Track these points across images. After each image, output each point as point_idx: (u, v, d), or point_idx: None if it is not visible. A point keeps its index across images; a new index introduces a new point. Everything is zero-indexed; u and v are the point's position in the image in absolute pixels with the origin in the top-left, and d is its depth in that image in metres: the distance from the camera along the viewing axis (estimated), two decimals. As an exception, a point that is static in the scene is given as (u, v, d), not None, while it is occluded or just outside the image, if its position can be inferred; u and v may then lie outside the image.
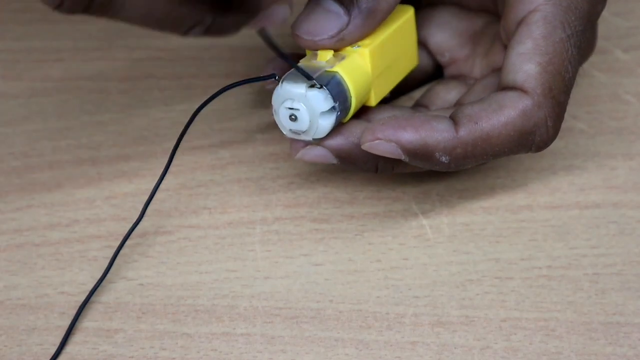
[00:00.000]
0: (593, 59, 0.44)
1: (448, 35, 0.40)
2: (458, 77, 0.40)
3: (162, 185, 0.38)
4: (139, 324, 0.35)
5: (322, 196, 0.39)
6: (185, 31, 0.31)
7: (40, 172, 0.41)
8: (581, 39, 0.35)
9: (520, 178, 0.40)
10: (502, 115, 0.34)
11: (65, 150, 0.42)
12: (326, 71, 0.34)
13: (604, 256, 0.37)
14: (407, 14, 0.38)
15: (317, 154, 0.35)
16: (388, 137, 0.34)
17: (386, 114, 0.37)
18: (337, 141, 0.35)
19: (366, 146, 0.34)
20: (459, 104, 0.37)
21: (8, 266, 0.38)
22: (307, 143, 0.35)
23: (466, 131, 0.34)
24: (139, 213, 0.36)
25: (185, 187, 0.40)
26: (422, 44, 0.40)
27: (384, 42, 0.36)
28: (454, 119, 0.34)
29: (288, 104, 0.34)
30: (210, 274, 0.37)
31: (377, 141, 0.34)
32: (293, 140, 0.35)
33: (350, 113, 0.35)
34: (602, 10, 0.36)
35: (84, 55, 0.47)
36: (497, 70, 0.38)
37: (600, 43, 0.44)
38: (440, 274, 0.36)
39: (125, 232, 0.37)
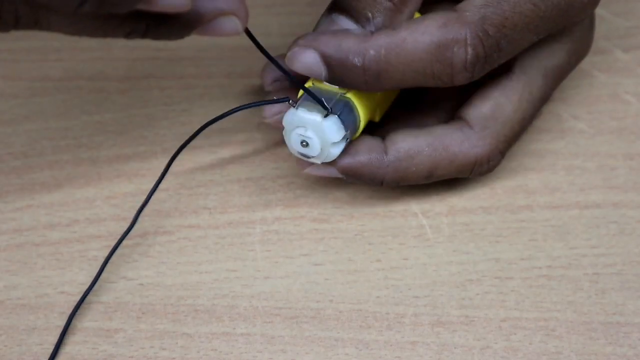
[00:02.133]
0: (593, 58, 0.44)
1: None
2: None
3: (161, 185, 0.38)
4: (139, 324, 0.35)
5: (322, 196, 0.39)
6: (125, 36, 0.31)
7: (40, 172, 0.41)
8: (547, 4, 0.34)
9: (520, 178, 0.40)
10: (421, 24, 0.34)
11: (65, 150, 0.42)
12: (340, 97, 0.34)
13: (604, 256, 0.36)
14: None
15: (324, 170, 0.36)
16: (308, 43, 0.34)
17: (388, 127, 0.37)
18: (345, 160, 0.36)
19: (289, 56, 0.34)
20: (466, 121, 0.37)
21: (8, 266, 0.38)
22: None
23: (381, 35, 0.34)
24: (142, 218, 0.36)
25: (185, 187, 0.40)
26: None
27: None
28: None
29: (301, 131, 0.34)
30: (210, 274, 0.37)
31: (297, 49, 0.34)
32: (299, 159, 0.36)
33: (357, 134, 0.36)
34: None
35: (84, 55, 0.47)
36: (499, 84, 0.38)
37: (600, 43, 0.44)
38: (440, 274, 0.36)
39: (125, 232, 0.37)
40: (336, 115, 0.34)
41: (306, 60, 0.34)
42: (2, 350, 0.35)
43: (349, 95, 0.35)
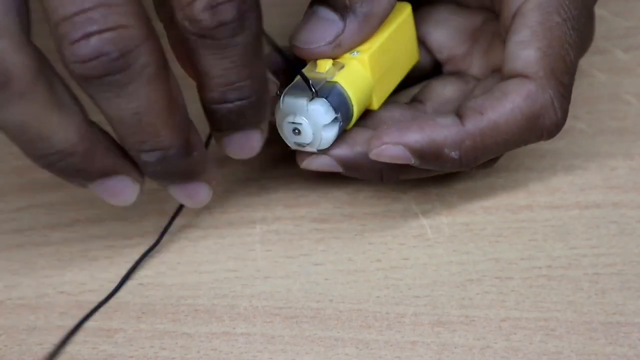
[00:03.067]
0: (593, 58, 0.44)
1: (446, 33, 0.40)
2: (455, 74, 0.40)
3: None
4: (139, 324, 0.35)
5: (322, 196, 0.39)
6: None
7: (40, 172, 0.40)
8: (578, 22, 0.35)
9: (520, 178, 0.40)
10: (506, 101, 0.34)
11: (66, 150, 0.42)
12: (327, 82, 0.34)
13: (604, 256, 0.36)
14: (405, 12, 0.38)
15: (322, 162, 0.36)
16: (394, 140, 0.34)
17: (387, 113, 0.37)
18: (343, 151, 0.35)
19: (374, 154, 0.34)
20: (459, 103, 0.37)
21: (8, 266, 0.38)
22: (312, 153, 0.35)
23: (472, 123, 0.34)
24: (142, 218, 0.36)
25: (186, 187, 0.40)
26: (420, 41, 0.40)
27: (382, 46, 0.36)
28: (458, 114, 0.34)
29: (290, 119, 0.34)
30: (210, 274, 0.37)
31: (384, 146, 0.34)
32: (298, 150, 0.36)
33: (353, 120, 0.35)
34: None
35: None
36: (498, 71, 0.38)
37: (600, 43, 0.44)
38: (440, 274, 0.36)
39: (126, 232, 0.37)
40: (323, 98, 0.34)
41: (394, 154, 0.34)
42: (2, 350, 0.35)
43: (337, 78, 0.35)
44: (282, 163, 0.41)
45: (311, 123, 0.34)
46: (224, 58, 0.30)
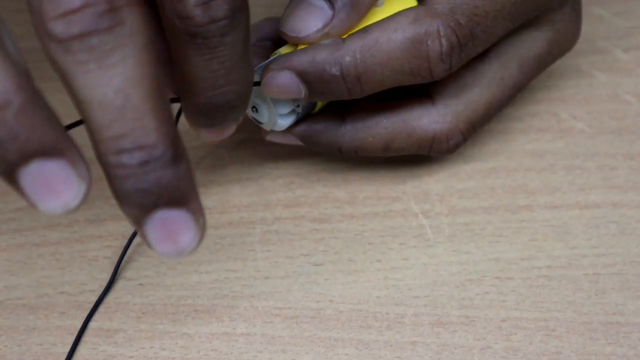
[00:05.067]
0: (593, 58, 0.44)
1: None
2: None
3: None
4: (139, 324, 0.35)
5: (322, 196, 0.39)
6: None
7: (40, 172, 0.41)
8: None
9: (520, 178, 0.40)
10: (392, 22, 0.34)
11: (65, 150, 0.42)
12: None
13: (604, 256, 0.37)
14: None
15: (284, 137, 0.37)
16: (280, 65, 0.34)
17: (359, 113, 0.37)
18: (302, 127, 0.36)
19: (265, 82, 0.34)
20: (430, 97, 0.37)
21: (8, 266, 0.38)
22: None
23: (353, 39, 0.34)
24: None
25: (185, 187, 0.40)
26: None
27: None
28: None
29: (252, 95, 0.34)
30: (210, 274, 0.37)
31: (270, 74, 0.34)
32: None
33: (317, 107, 0.36)
34: None
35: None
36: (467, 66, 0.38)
37: (600, 43, 0.44)
38: (440, 274, 0.36)
39: (125, 232, 0.37)
40: None
41: (283, 81, 0.34)
42: (2, 350, 0.35)
43: None
44: (282, 163, 0.41)
45: (268, 107, 0.35)
46: (212, 59, 0.29)
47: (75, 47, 0.24)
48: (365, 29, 0.34)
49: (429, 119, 0.36)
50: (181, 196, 0.25)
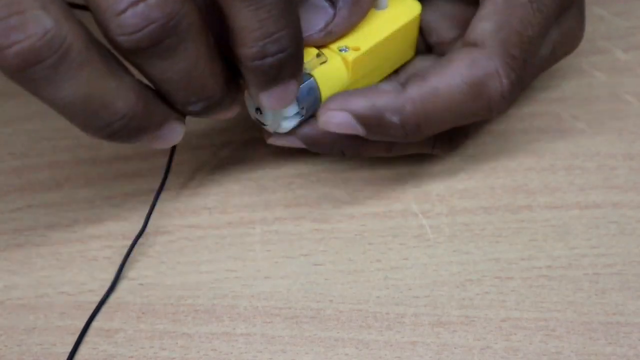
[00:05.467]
0: (593, 58, 0.44)
1: (439, 17, 0.40)
2: (440, 55, 0.40)
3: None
4: (139, 324, 0.35)
5: (322, 196, 0.39)
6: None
7: (40, 172, 0.41)
8: (548, 8, 0.34)
9: (520, 178, 0.40)
10: (449, 68, 0.34)
11: (65, 150, 0.42)
12: (303, 74, 0.34)
13: (604, 256, 0.37)
14: (413, 14, 0.37)
15: (286, 140, 0.36)
16: (338, 106, 0.34)
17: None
18: (305, 130, 0.36)
19: (322, 121, 0.34)
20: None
21: (8, 266, 0.38)
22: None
23: (413, 88, 0.34)
24: (141, 218, 0.36)
25: (185, 187, 0.40)
26: None
27: (376, 48, 0.36)
28: (403, 83, 0.34)
29: None
30: (210, 274, 0.37)
31: (329, 112, 0.34)
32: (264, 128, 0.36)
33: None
34: None
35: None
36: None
37: (600, 43, 0.44)
38: (440, 274, 0.36)
39: (125, 232, 0.37)
40: None
41: (340, 121, 0.34)
42: (2, 350, 0.35)
43: (314, 72, 0.35)
44: (282, 163, 0.41)
45: (273, 111, 0.34)
46: (259, 9, 0.29)
47: (145, 53, 0.28)
48: (424, 76, 0.34)
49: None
50: (229, 104, 0.32)
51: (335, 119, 0.34)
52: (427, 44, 0.40)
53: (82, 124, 0.29)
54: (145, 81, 0.30)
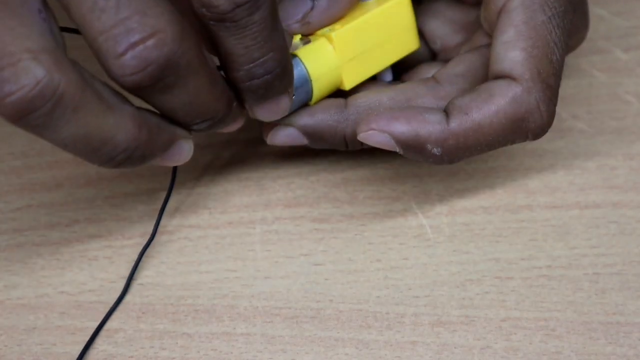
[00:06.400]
0: (593, 58, 0.44)
1: (441, 23, 0.40)
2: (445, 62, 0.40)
3: (161, 185, 0.38)
4: (139, 323, 0.35)
5: (322, 196, 0.39)
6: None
7: (40, 172, 0.41)
8: (563, 20, 0.35)
9: (520, 178, 0.40)
10: (492, 104, 0.34)
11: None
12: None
13: (604, 256, 0.36)
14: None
15: (286, 134, 0.36)
16: (381, 128, 0.34)
17: (374, 96, 0.37)
18: (303, 120, 0.36)
19: (361, 137, 0.34)
20: (434, 78, 0.37)
21: (8, 266, 0.38)
22: (274, 124, 0.36)
23: (457, 122, 0.34)
24: (141, 218, 0.36)
25: (186, 187, 0.40)
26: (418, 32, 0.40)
27: (359, 26, 0.36)
28: (446, 111, 0.34)
29: None
30: (210, 274, 0.37)
31: (371, 132, 0.34)
32: (264, 126, 0.36)
33: (314, 96, 0.35)
34: None
35: (84, 53, 0.47)
36: (475, 49, 0.38)
37: (600, 43, 0.44)
38: (440, 274, 0.36)
39: (126, 232, 0.37)
40: None
41: (381, 141, 0.34)
42: (2, 350, 0.35)
43: (298, 52, 0.35)
44: (282, 163, 0.41)
45: None
46: (244, 37, 0.30)
47: (147, 90, 0.29)
48: (465, 110, 0.34)
49: (433, 97, 0.36)
50: (232, 119, 0.33)
51: (376, 138, 0.34)
52: (431, 51, 0.40)
53: (86, 159, 0.30)
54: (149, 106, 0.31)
